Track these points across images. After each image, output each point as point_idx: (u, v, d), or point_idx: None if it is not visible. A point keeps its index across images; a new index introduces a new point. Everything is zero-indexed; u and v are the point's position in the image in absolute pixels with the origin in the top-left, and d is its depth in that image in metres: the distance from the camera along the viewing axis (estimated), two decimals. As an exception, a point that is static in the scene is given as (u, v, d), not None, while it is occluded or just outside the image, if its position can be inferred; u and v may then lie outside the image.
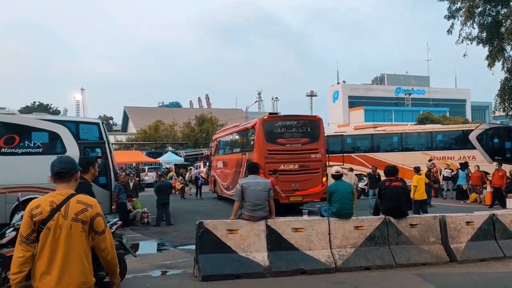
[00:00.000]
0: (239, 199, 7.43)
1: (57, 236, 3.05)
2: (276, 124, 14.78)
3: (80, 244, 3.09)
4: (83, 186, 5.09)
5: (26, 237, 3.07)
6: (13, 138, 12.21)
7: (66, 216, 3.08)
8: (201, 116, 54.24)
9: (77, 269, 3.06)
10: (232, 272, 7.01)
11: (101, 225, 3.19)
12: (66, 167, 3.35)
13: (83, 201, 3.18)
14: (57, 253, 3.04)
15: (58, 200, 3.15)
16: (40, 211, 3.09)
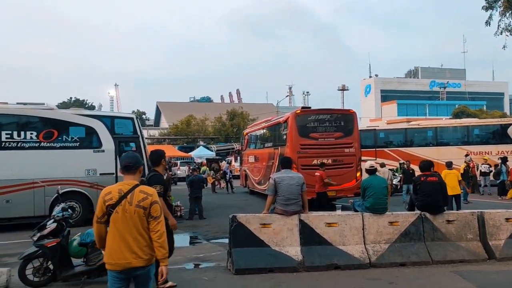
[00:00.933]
0: (272, 194, 7.43)
1: (123, 218, 3.75)
2: (309, 118, 14.61)
3: (141, 225, 3.78)
4: (156, 177, 5.83)
5: (100, 218, 3.83)
6: (51, 132, 12.57)
7: (131, 203, 3.78)
8: (232, 111, 54.51)
9: (138, 243, 3.75)
10: (265, 266, 7.03)
11: (157, 211, 3.84)
12: (132, 161, 4.01)
13: (145, 191, 3.87)
14: (122, 232, 3.74)
15: (125, 189, 3.84)
16: (110, 197, 3.80)
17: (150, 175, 6.06)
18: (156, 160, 6.21)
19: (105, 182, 12.84)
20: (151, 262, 3.86)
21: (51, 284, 6.58)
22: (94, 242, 6.53)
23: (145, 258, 3.78)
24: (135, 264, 3.75)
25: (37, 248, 6.50)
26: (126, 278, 3.83)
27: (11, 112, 12.54)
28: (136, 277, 3.85)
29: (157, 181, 5.82)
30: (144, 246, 3.78)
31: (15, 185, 12.00)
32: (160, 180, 5.85)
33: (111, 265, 3.78)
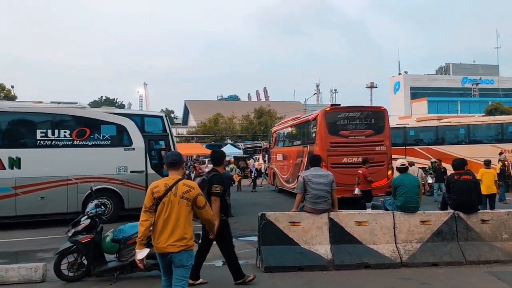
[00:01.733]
0: (301, 192, 7.40)
1: (169, 208, 4.39)
2: (338, 115, 14.44)
3: (184, 214, 4.40)
4: (217, 177, 6.11)
5: (149, 208, 4.45)
6: (84, 131, 12.86)
7: (176, 194, 4.41)
8: (259, 109, 54.52)
9: (182, 230, 4.37)
10: (295, 264, 7.02)
11: (202, 202, 4.54)
12: (176, 158, 4.68)
13: (188, 184, 4.52)
14: (168, 220, 4.38)
15: (170, 182, 4.48)
16: (158, 190, 4.44)
17: (211, 174, 6.23)
18: (218, 160, 6.48)
19: (135, 180, 13.14)
20: (188, 248, 4.42)
21: (85, 279, 6.74)
22: (127, 239, 6.69)
23: (183, 244, 4.37)
24: (173, 249, 4.35)
25: (72, 244, 6.65)
26: (167, 260, 4.44)
27: (46, 111, 12.89)
28: (178, 260, 4.40)
29: (217, 181, 6.09)
30: (184, 234, 4.38)
31: (50, 182, 12.33)
32: (220, 180, 6.12)
33: (157, 248, 4.45)
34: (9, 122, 12.69)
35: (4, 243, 10.42)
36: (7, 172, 11.99)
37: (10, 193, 11.96)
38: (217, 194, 6.06)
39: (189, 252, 4.44)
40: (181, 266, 4.41)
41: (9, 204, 11.96)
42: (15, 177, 12.02)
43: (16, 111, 12.78)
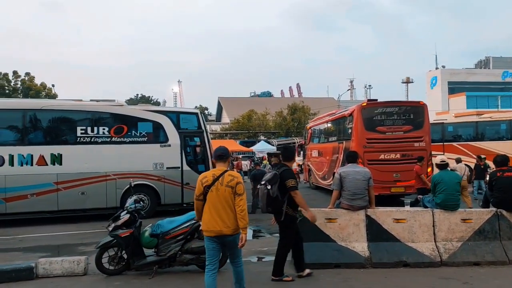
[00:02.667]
0: (337, 188, 7.33)
1: (216, 196, 4.95)
2: (375, 111, 14.09)
3: (230, 201, 4.95)
4: (288, 171, 6.33)
5: (198, 195, 5.05)
6: (121, 128, 13.13)
7: (222, 183, 4.97)
8: (293, 105, 54.31)
9: (228, 216, 4.93)
10: (332, 261, 6.96)
11: (241, 190, 5.01)
12: (223, 152, 5.29)
13: (232, 175, 5.08)
14: (216, 206, 4.94)
15: (217, 173, 5.05)
16: (206, 180, 5.03)
17: (282, 169, 6.35)
18: (290, 156, 6.67)
19: (171, 176, 13.33)
20: (237, 231, 4.95)
21: (125, 273, 6.89)
22: (165, 233, 6.81)
23: (232, 227, 4.92)
24: (224, 232, 4.92)
25: (112, 238, 6.81)
26: (219, 242, 5.00)
27: (86, 108, 13.21)
28: (226, 242, 5.02)
29: (290, 175, 6.29)
30: (232, 218, 4.93)
31: (89, 178, 12.66)
32: (292, 174, 6.32)
33: (207, 232, 5.00)
34: (51, 120, 13.09)
35: (47, 237, 10.78)
36: (49, 168, 12.39)
37: (52, 189, 12.36)
38: (295, 187, 6.22)
39: (238, 234, 4.97)
40: (234, 246, 5.06)
41: (51, 199, 12.37)
42: (57, 173, 12.41)
43: (57, 109, 13.18)
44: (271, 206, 6.29)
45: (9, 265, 6.90)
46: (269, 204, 6.27)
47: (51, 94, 51.42)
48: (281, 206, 6.21)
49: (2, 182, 11.95)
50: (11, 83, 51.09)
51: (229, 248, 5.16)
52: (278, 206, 6.24)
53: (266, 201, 6.26)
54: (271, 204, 6.25)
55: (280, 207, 6.22)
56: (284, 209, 6.20)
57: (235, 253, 5.21)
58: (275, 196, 6.15)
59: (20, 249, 9.50)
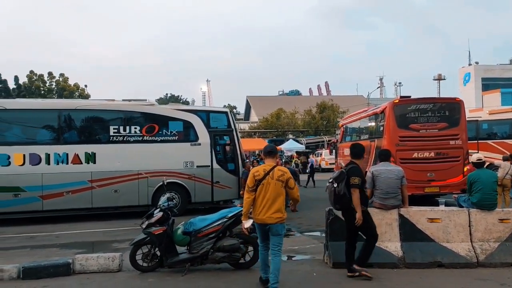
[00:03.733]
0: (369, 187, 7.21)
1: (267, 188, 5.58)
2: (408, 108, 13.58)
3: (279, 193, 5.59)
4: (355, 169, 6.41)
5: (251, 188, 5.65)
6: (153, 127, 13.34)
7: (273, 177, 5.60)
8: (322, 104, 53.95)
9: (278, 206, 5.57)
10: (364, 261, 6.87)
11: (292, 184, 5.71)
12: (272, 149, 6.03)
13: (281, 170, 5.75)
14: (266, 198, 5.56)
15: (267, 168, 5.68)
16: (258, 173, 5.66)
17: (349, 167, 6.43)
18: (358, 153, 6.71)
19: (201, 174, 13.46)
20: (282, 221, 5.59)
21: (158, 270, 6.99)
22: (197, 231, 6.87)
23: (278, 217, 5.55)
24: (271, 221, 5.54)
25: (146, 235, 6.93)
26: (265, 229, 5.64)
27: (118, 108, 13.49)
28: (270, 230, 5.61)
29: (356, 173, 6.34)
30: (278, 209, 5.55)
31: (122, 176, 12.92)
32: (358, 172, 6.34)
33: (257, 220, 5.65)
34: (85, 120, 13.43)
35: (82, 234, 11.06)
36: (84, 166, 12.71)
37: (87, 186, 12.67)
38: (356, 185, 6.25)
39: (283, 224, 5.64)
40: (277, 234, 5.63)
41: (86, 197, 12.68)
42: (91, 171, 12.71)
43: (91, 109, 13.52)
44: (339, 204, 6.42)
45: (48, 261, 7.11)
46: (337, 201, 6.41)
47: (84, 94, 52.70)
48: (349, 203, 6.29)
49: (39, 180, 12.32)
50: (46, 84, 52.64)
51: (272, 236, 5.65)
52: (346, 204, 6.32)
53: (334, 198, 6.41)
54: (338, 201, 6.39)
55: (349, 204, 6.30)
56: (352, 206, 6.27)
57: (277, 241, 5.66)
58: (342, 193, 6.26)
59: (56, 245, 9.78)
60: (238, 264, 6.98)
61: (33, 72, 52.15)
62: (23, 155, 12.35)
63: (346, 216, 6.47)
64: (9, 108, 12.83)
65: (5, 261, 7.76)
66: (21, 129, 12.97)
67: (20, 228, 11.98)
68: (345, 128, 20.85)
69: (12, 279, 6.63)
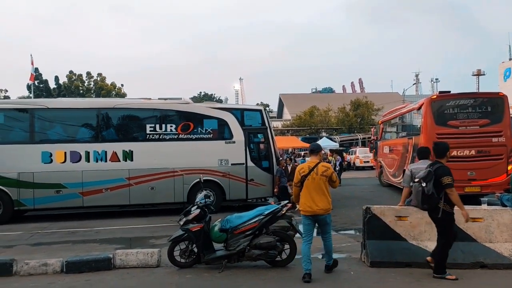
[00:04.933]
0: (408, 185, 7.10)
1: (312, 183, 6.24)
2: (447, 103, 13.12)
3: (323, 187, 6.28)
4: (443, 169, 6.33)
5: (296, 183, 6.37)
6: (188, 125, 13.51)
7: (317, 173, 6.26)
8: (356, 101, 53.26)
9: (321, 199, 6.25)
10: (403, 260, 6.75)
11: (334, 178, 6.41)
12: (316, 147, 6.70)
13: (325, 166, 6.42)
14: (311, 192, 6.24)
15: (312, 164, 6.35)
16: (303, 170, 6.32)
17: (436, 166, 6.32)
18: (442, 152, 6.58)
19: (236, 172, 13.53)
20: (327, 212, 6.30)
21: (196, 266, 7.07)
22: (234, 228, 6.92)
23: (323, 209, 6.23)
24: (317, 212, 6.22)
25: (183, 232, 7.01)
26: (313, 220, 6.33)
27: (155, 106, 13.75)
28: (318, 220, 6.34)
29: (446, 172, 6.21)
30: (324, 201, 6.24)
31: (158, 174, 13.14)
32: (448, 171, 6.21)
33: (303, 211, 6.31)
34: (122, 118, 13.75)
35: (120, 230, 11.33)
36: (122, 164, 13.00)
37: (125, 184, 12.96)
38: (451, 185, 6.16)
39: (329, 214, 6.36)
40: (325, 223, 6.39)
41: (123, 194, 12.97)
42: (128, 168, 12.99)
43: (128, 108, 13.80)
44: (427, 204, 6.29)
45: (90, 256, 7.32)
46: (424, 201, 6.28)
47: (120, 93, 53.87)
48: (437, 203, 6.17)
49: (79, 177, 12.69)
50: (85, 83, 54.13)
51: (321, 225, 6.42)
52: (434, 203, 6.20)
53: (421, 198, 6.29)
54: (426, 201, 6.26)
55: (436, 204, 6.18)
56: (440, 206, 6.15)
57: (325, 230, 6.46)
58: (430, 193, 6.14)
59: (96, 240, 10.05)
60: (275, 262, 6.98)
61: (72, 72, 53.77)
62: (64, 152, 12.75)
63: (433, 216, 6.31)
64: (51, 107, 13.25)
65: (48, 255, 8.05)
66: (62, 127, 13.38)
67: (61, 223, 12.39)
68: (384, 125, 20.40)
69: (56, 272, 6.86)
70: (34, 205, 12.66)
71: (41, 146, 12.73)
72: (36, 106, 13.28)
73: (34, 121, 12.93)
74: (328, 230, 6.51)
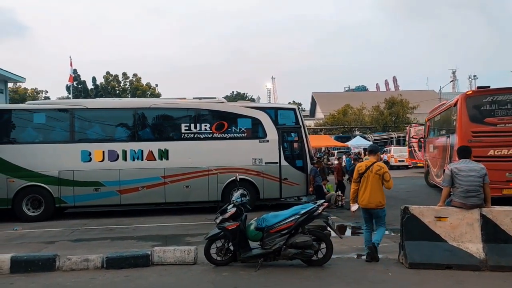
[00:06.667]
0: (448, 185, 6.93)
1: (368, 180, 7.14)
2: (484, 100, 12.41)
3: (378, 184, 7.13)
4: None
5: (355, 179, 7.32)
6: (222, 124, 13.60)
7: (372, 171, 7.13)
8: (390, 99, 52.34)
9: (377, 195, 7.13)
10: (442, 262, 6.59)
11: (387, 177, 7.13)
12: (374, 149, 7.67)
13: (379, 165, 7.21)
14: (367, 188, 7.14)
15: (368, 163, 7.26)
16: (361, 168, 7.25)
17: None
18: None
19: (270, 171, 13.54)
20: (380, 206, 7.15)
21: (232, 264, 7.11)
22: (269, 227, 6.92)
23: (377, 203, 7.11)
24: (370, 206, 7.14)
25: (220, 230, 7.07)
26: (369, 213, 7.27)
27: (190, 106, 13.89)
28: (373, 213, 7.23)
29: None
30: (377, 197, 7.11)
31: (193, 172, 13.28)
32: None
33: (362, 205, 7.21)
34: (158, 117, 13.99)
35: (156, 227, 11.51)
36: (158, 162, 13.22)
37: (160, 182, 13.17)
38: None
39: (383, 209, 7.22)
40: (378, 216, 7.26)
41: (159, 192, 13.19)
42: (164, 167, 13.19)
43: (164, 107, 14.03)
44: None
45: (129, 252, 7.47)
46: None
47: (155, 93, 54.84)
48: None
49: (116, 176, 12.98)
50: (121, 84, 55.39)
51: (374, 218, 7.32)
52: None
53: None
54: None
55: None
56: None
57: (378, 222, 7.36)
58: None
59: (133, 237, 10.25)
60: (311, 261, 6.94)
61: (109, 73, 55.11)
62: (103, 151, 13.07)
63: None
64: (90, 107, 13.62)
65: (89, 251, 8.26)
66: (100, 127, 13.70)
67: (100, 220, 12.71)
68: (430, 122, 19.72)
69: (97, 268, 7.04)
70: (74, 203, 13.04)
71: (81, 145, 13.09)
72: (76, 106, 13.66)
73: (74, 121, 13.29)
74: (380, 223, 7.30)
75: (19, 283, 6.49)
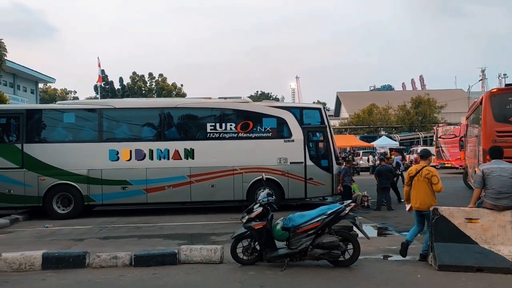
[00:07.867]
0: (479, 186, 6.78)
1: (418, 183, 7.29)
2: (509, 98, 11.85)
3: (426, 187, 7.23)
4: None
5: (407, 182, 7.56)
6: (247, 124, 13.62)
7: (421, 175, 7.26)
8: (417, 98, 51.51)
9: (424, 197, 7.23)
10: (473, 265, 6.45)
11: (435, 180, 7.18)
12: (425, 153, 7.65)
13: (428, 169, 7.31)
14: (417, 190, 7.30)
15: (419, 168, 7.41)
16: (411, 171, 7.45)
17: None
18: None
19: (295, 171, 13.50)
20: (429, 208, 7.02)
21: (258, 263, 7.12)
22: (296, 227, 6.90)
23: (426, 205, 7.16)
24: (421, 208, 7.25)
25: (246, 230, 7.08)
26: (420, 214, 7.37)
27: (215, 106, 13.97)
28: (423, 215, 7.29)
29: None
30: (426, 199, 7.21)
31: (218, 172, 13.34)
32: None
33: (414, 208, 7.38)
34: (184, 117, 14.12)
35: (182, 226, 11.62)
36: (183, 162, 13.33)
37: (186, 181, 13.28)
38: None
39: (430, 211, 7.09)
40: (428, 218, 7.13)
41: (185, 191, 13.29)
42: (190, 166, 13.30)
43: (190, 107, 14.13)
44: None
45: (157, 250, 7.56)
46: None
47: (180, 93, 55.39)
48: None
49: (143, 175, 13.15)
50: (147, 84, 56.17)
51: (426, 219, 7.29)
52: None
53: None
54: None
55: None
56: None
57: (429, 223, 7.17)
58: None
59: (160, 236, 10.36)
60: (338, 262, 6.89)
61: (135, 73, 55.96)
62: (130, 151, 13.26)
63: None
64: (117, 107, 13.84)
65: (117, 248, 8.40)
66: (127, 126, 13.91)
67: (127, 218, 12.91)
68: (468, 121, 19.15)
69: (125, 265, 7.15)
70: (102, 201, 13.28)
71: (109, 145, 13.31)
72: (104, 106, 13.89)
73: (102, 121, 13.52)
74: (429, 225, 7.28)
75: (50, 279, 6.64)
